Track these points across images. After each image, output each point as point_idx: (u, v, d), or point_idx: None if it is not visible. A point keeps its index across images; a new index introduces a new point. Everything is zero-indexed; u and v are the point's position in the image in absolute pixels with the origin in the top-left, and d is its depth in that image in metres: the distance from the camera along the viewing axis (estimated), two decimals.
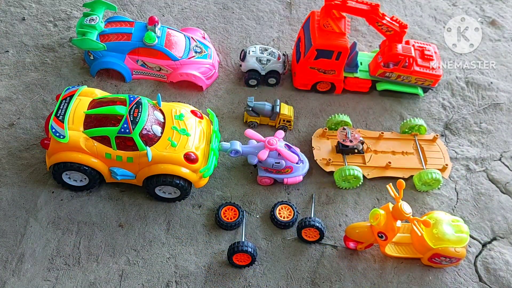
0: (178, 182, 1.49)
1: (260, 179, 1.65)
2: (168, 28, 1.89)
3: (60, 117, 1.46)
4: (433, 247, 1.38)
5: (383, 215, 1.36)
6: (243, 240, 1.46)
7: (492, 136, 1.92)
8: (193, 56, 1.87)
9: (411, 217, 1.34)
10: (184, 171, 1.48)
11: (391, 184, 1.41)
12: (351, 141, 1.70)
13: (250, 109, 1.77)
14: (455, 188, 1.77)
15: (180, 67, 1.85)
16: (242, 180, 1.68)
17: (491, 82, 2.10)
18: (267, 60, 1.89)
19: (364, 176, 1.68)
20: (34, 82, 1.85)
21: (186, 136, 1.52)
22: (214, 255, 1.49)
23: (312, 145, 1.75)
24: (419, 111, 1.97)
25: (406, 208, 1.34)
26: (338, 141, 1.73)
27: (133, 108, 1.48)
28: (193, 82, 1.86)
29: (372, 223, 1.36)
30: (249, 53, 1.90)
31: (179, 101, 1.80)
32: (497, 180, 1.80)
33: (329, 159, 1.70)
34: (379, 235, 1.39)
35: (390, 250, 1.54)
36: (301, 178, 1.66)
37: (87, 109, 1.50)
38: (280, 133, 1.64)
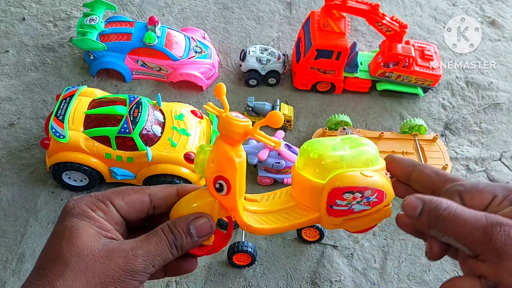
0: (178, 182, 1.49)
1: (260, 179, 1.65)
2: (168, 28, 1.89)
3: (60, 117, 1.46)
4: (323, 182, 0.48)
5: (208, 150, 0.51)
6: (243, 240, 1.46)
7: (492, 136, 1.92)
8: (193, 56, 1.87)
9: (251, 127, 0.48)
10: (184, 171, 1.48)
11: (210, 103, 0.55)
12: None
13: (250, 109, 1.77)
14: None
15: (180, 67, 1.84)
16: None
17: (491, 82, 2.10)
18: (267, 60, 1.89)
19: None
20: (34, 82, 1.85)
21: (186, 136, 1.52)
22: (214, 255, 1.48)
23: None
24: (419, 111, 1.96)
25: (237, 114, 0.51)
26: None
27: (133, 108, 1.47)
28: (193, 82, 1.86)
29: (200, 173, 0.51)
30: (249, 53, 1.89)
31: (179, 101, 1.79)
32: (497, 180, 1.79)
33: None
34: (217, 185, 0.50)
35: (254, 221, 0.54)
36: None
37: (87, 109, 1.49)
38: (280, 133, 1.64)
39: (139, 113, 1.46)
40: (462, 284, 0.40)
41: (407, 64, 1.85)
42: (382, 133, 1.79)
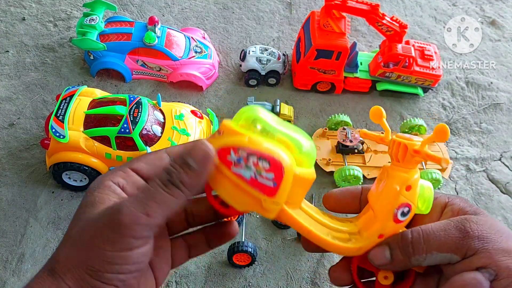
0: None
1: None
2: (168, 28, 1.89)
3: (60, 117, 1.46)
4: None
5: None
6: (243, 240, 1.46)
7: (492, 136, 1.92)
8: (193, 56, 1.87)
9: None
10: None
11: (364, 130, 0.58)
12: (351, 141, 1.70)
13: None
14: (455, 188, 1.77)
15: (180, 67, 1.84)
16: None
17: (491, 82, 2.10)
18: (267, 60, 1.89)
19: (364, 176, 1.68)
20: (34, 82, 1.85)
21: (186, 136, 1.52)
22: (214, 255, 1.48)
23: None
24: (419, 111, 1.96)
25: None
26: (338, 141, 1.73)
27: (133, 108, 1.48)
28: (193, 82, 1.86)
29: (420, 210, 0.43)
30: (249, 53, 1.89)
31: (179, 101, 1.79)
32: (497, 180, 1.80)
33: (329, 159, 1.70)
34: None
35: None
36: None
37: (87, 109, 1.50)
38: None
39: (139, 113, 1.46)
40: (463, 276, 0.38)
41: (407, 64, 1.85)
42: (382, 133, 1.79)
